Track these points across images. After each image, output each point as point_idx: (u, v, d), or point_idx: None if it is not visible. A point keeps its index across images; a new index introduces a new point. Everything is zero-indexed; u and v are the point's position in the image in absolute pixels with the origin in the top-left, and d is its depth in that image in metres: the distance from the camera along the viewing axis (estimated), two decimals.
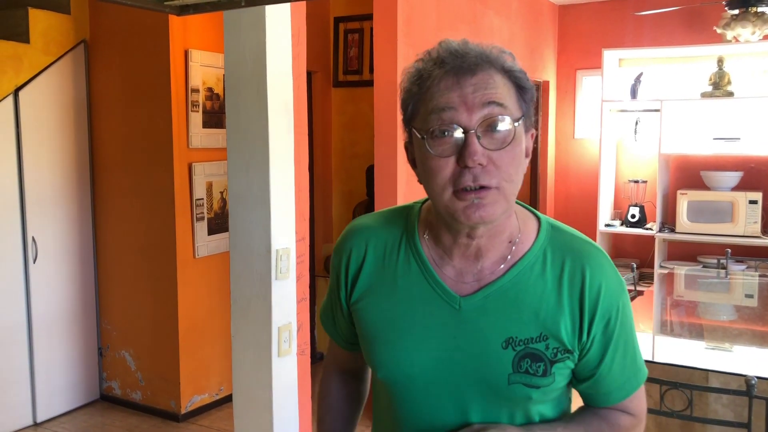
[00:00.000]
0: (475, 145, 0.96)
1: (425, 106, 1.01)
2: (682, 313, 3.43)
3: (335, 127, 5.10)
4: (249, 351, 2.62)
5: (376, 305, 1.12)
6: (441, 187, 0.99)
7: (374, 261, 1.13)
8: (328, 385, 1.35)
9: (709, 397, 2.45)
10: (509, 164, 0.99)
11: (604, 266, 1.08)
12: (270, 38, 2.51)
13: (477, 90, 0.97)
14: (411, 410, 1.12)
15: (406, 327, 1.09)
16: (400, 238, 1.13)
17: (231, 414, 2.82)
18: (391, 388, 1.13)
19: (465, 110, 0.97)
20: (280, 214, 2.58)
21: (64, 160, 4.00)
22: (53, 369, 3.97)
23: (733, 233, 4.77)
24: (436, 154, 0.99)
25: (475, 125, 0.97)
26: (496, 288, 1.06)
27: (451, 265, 1.09)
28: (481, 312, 1.06)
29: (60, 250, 4.00)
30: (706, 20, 5.04)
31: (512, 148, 0.99)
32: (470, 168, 0.97)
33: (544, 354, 1.04)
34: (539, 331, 1.04)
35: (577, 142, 5.79)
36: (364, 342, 1.16)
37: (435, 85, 0.99)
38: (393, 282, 1.11)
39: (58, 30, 3.91)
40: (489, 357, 1.05)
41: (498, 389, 1.06)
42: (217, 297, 4.07)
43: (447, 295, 1.07)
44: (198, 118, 3.91)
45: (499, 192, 0.99)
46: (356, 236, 1.17)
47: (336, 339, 1.29)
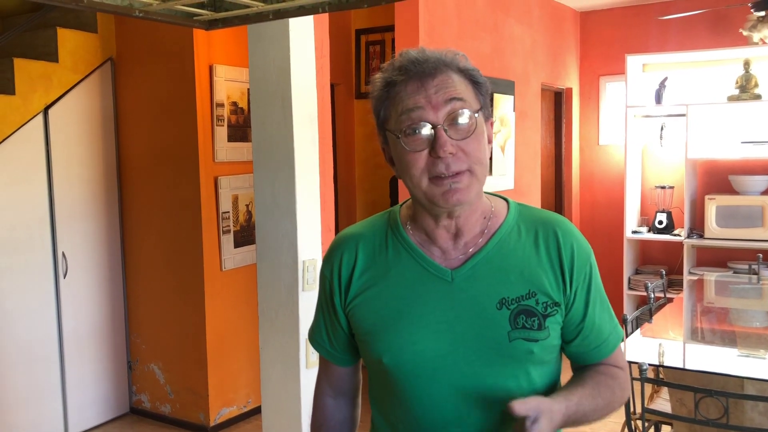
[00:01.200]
0: (443, 138, 1.09)
1: (395, 109, 1.13)
2: (713, 320, 3.37)
3: (358, 138, 5.12)
4: (277, 363, 2.63)
5: (373, 298, 1.19)
6: (418, 178, 1.11)
7: (365, 260, 1.21)
8: (324, 412, 1.34)
9: (745, 405, 2.40)
10: (476, 149, 1.11)
11: (572, 230, 1.21)
12: (294, 51, 2.53)
13: (439, 90, 1.10)
14: (419, 391, 1.15)
15: (405, 309, 1.16)
16: (386, 234, 1.22)
17: (259, 426, 2.82)
18: (397, 374, 1.16)
19: (431, 108, 1.09)
20: (306, 226, 2.59)
21: (93, 176, 4.06)
22: (84, 383, 4.02)
23: (764, 238, 4.68)
24: (411, 149, 1.11)
25: (441, 120, 1.09)
26: (481, 257, 1.16)
27: (437, 246, 1.18)
28: (471, 280, 1.15)
29: (89, 265, 4.05)
30: (732, 23, 4.98)
31: (476, 136, 1.11)
32: (442, 158, 1.09)
33: (535, 309, 1.14)
34: (527, 289, 1.14)
35: (601, 149, 5.74)
36: (365, 336, 1.20)
37: (402, 90, 1.12)
38: (386, 273, 1.19)
39: (85, 48, 3.98)
40: (487, 319, 1.13)
41: (501, 348, 1.13)
42: (244, 309, 4.09)
43: (438, 270, 1.16)
44: (223, 132, 3.95)
45: (471, 174, 1.11)
46: (345, 243, 1.25)
47: (332, 356, 1.31)
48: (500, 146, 4.38)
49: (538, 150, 5.08)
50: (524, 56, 4.78)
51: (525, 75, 4.79)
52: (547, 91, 5.41)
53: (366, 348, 1.21)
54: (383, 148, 1.20)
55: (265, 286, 2.65)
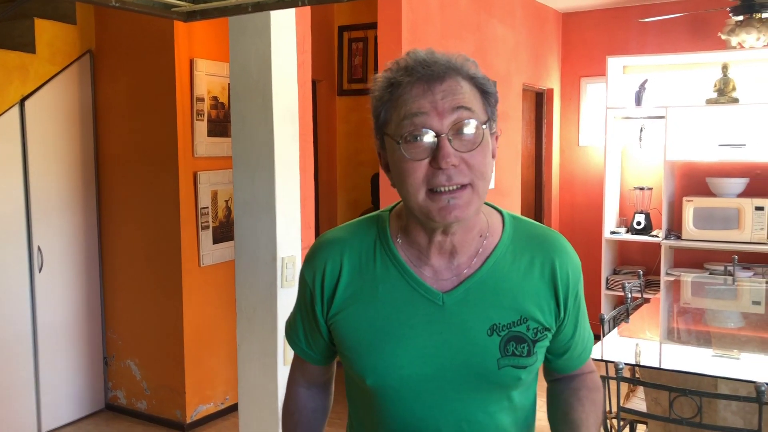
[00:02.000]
0: (447, 148, 1.02)
1: (397, 112, 1.06)
2: (689, 320, 3.41)
3: (340, 135, 5.10)
4: (255, 360, 2.61)
5: (359, 314, 1.13)
6: (415, 188, 1.04)
7: (351, 271, 1.14)
8: (296, 401, 1.32)
9: (718, 404, 2.43)
10: (481, 163, 1.05)
11: (568, 251, 1.18)
12: (275, 46, 2.51)
13: (446, 96, 1.03)
14: (402, 412, 1.13)
15: (392, 330, 1.11)
16: (374, 246, 1.15)
17: (236, 423, 2.80)
18: (380, 394, 1.13)
19: (436, 115, 1.03)
20: (285, 222, 2.57)
21: (70, 170, 4.01)
22: (58, 378, 3.97)
23: (740, 240, 4.74)
24: (410, 157, 1.04)
25: (446, 129, 1.02)
26: (475, 280, 1.12)
27: (429, 265, 1.12)
28: (463, 304, 1.10)
29: (65, 260, 4.00)
30: (711, 27, 5.04)
31: (482, 149, 1.05)
32: (444, 169, 1.02)
33: (526, 335, 1.11)
34: (519, 315, 1.11)
35: (581, 150, 5.78)
36: (348, 352, 1.15)
37: (406, 92, 1.05)
38: (373, 289, 1.13)
39: (63, 40, 3.93)
40: (476, 346, 1.10)
41: (489, 375, 1.10)
42: (222, 306, 4.06)
43: (429, 293, 1.11)
44: (203, 126, 3.92)
45: (472, 190, 1.05)
46: (329, 249, 1.17)
47: (308, 356, 1.27)
48: None
49: (519, 150, 5.10)
50: (507, 56, 4.80)
51: (507, 75, 4.80)
52: (528, 91, 5.43)
53: (348, 363, 1.16)
54: (379, 153, 1.14)
55: (243, 283, 2.63)
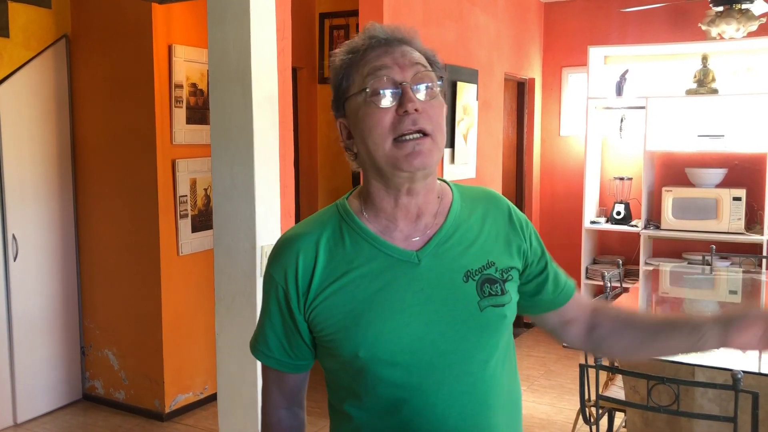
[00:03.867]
0: (410, 93, 1.10)
1: (360, 72, 1.14)
2: (667, 309, 3.44)
3: (321, 123, 5.07)
4: (234, 349, 2.59)
5: (338, 295, 1.14)
6: (382, 138, 1.10)
7: (323, 258, 1.16)
8: (280, 427, 1.26)
9: (695, 392, 2.45)
10: (438, 115, 1.14)
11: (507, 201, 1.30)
12: (254, 33, 2.48)
13: (405, 55, 1.14)
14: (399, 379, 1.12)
15: (375, 299, 1.13)
16: (340, 228, 1.18)
17: (216, 413, 2.79)
18: (374, 365, 1.11)
19: (398, 68, 1.12)
20: (264, 211, 2.55)
21: (46, 157, 3.94)
22: (34, 369, 3.92)
23: (718, 230, 4.79)
24: (378, 105, 1.11)
25: (408, 78, 1.12)
26: (442, 235, 1.18)
27: (398, 230, 1.18)
28: (436, 258, 1.16)
29: (41, 248, 3.94)
30: (691, 17, 5.06)
31: (438, 104, 1.14)
32: (409, 113, 1.09)
33: (495, 276, 1.19)
34: (486, 259, 1.19)
35: (562, 140, 5.79)
36: (334, 335, 1.14)
37: (368, 54, 1.14)
38: (347, 267, 1.15)
39: (38, 24, 3.85)
40: (457, 293, 1.15)
41: (474, 318, 1.15)
42: (201, 295, 4.03)
43: (403, 255, 1.16)
44: (182, 114, 3.87)
45: (433, 141, 1.12)
46: (296, 243, 1.18)
47: (285, 366, 1.23)
48: (463, 135, 4.38)
49: (500, 139, 5.10)
50: (488, 45, 4.78)
51: (489, 64, 4.79)
52: (510, 81, 5.43)
53: (336, 346, 1.14)
54: (340, 128, 1.19)
55: (221, 272, 2.60)
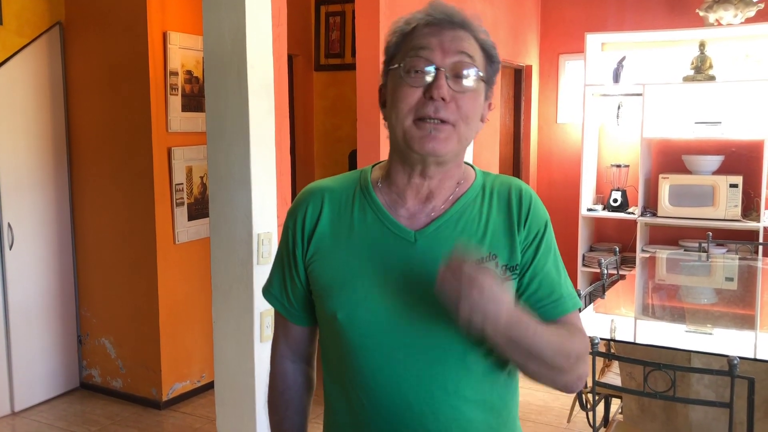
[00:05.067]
0: (442, 80, 1.09)
1: (407, 45, 1.13)
2: (663, 296, 3.45)
3: (317, 111, 5.05)
4: (231, 337, 2.59)
5: (334, 252, 1.18)
6: (404, 113, 1.11)
7: (330, 214, 1.20)
8: (284, 378, 1.31)
9: (691, 378, 2.46)
10: (469, 108, 1.11)
11: (531, 192, 1.22)
12: (250, 19, 2.46)
13: (454, 40, 1.11)
14: (373, 350, 1.13)
15: (366, 267, 1.15)
16: (354, 191, 1.21)
17: (213, 401, 2.79)
18: (351, 330, 1.14)
19: (440, 52, 1.10)
20: (261, 198, 2.54)
21: (40, 145, 3.92)
22: (31, 357, 3.91)
23: (714, 217, 4.79)
24: (407, 83, 1.11)
25: (446, 65, 1.10)
26: (445, 219, 1.16)
27: (405, 208, 1.17)
28: (434, 241, 1.14)
29: (37, 237, 3.93)
30: (689, 3, 5.04)
31: (474, 96, 1.12)
32: (434, 100, 1.08)
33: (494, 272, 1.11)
34: (488, 251, 1.14)
35: (559, 127, 5.78)
36: (322, 291, 1.18)
37: (419, 29, 1.13)
38: (349, 230, 1.18)
39: (32, 11, 3.82)
40: None
41: None
42: (198, 283, 4.03)
43: (402, 231, 1.15)
44: (177, 101, 3.85)
45: (454, 129, 1.11)
46: (311, 195, 1.23)
47: (288, 312, 1.27)
48: None
49: (497, 127, 5.08)
50: None
51: None
52: (507, 68, 5.40)
53: (322, 303, 1.18)
54: (380, 89, 1.20)
55: (218, 260, 2.60)
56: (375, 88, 3.94)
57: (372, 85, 3.57)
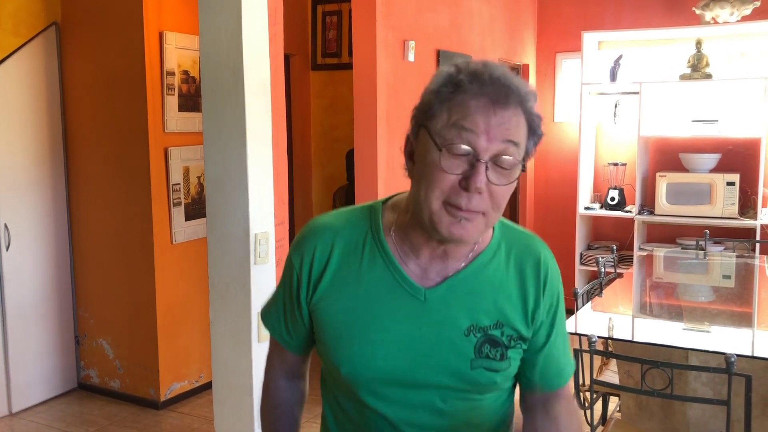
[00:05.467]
0: (481, 174, 1.01)
1: (449, 114, 1.02)
2: (661, 294, 3.45)
3: (314, 110, 5.04)
4: (228, 337, 2.59)
5: (340, 302, 1.13)
6: (435, 195, 1.03)
7: (339, 259, 1.14)
8: (278, 394, 1.31)
9: (689, 376, 2.47)
10: (502, 198, 1.05)
11: (549, 258, 1.18)
12: (246, 19, 2.46)
13: (502, 124, 1.01)
14: (374, 404, 1.13)
15: (371, 321, 1.11)
16: (365, 237, 1.15)
17: (211, 401, 2.79)
18: (354, 384, 1.13)
19: (486, 139, 1.01)
20: (258, 198, 2.54)
21: (37, 145, 3.91)
22: (29, 358, 3.91)
23: (711, 215, 4.80)
24: (444, 167, 1.01)
25: (488, 156, 1.01)
26: (458, 279, 1.12)
27: (417, 263, 1.13)
28: (444, 302, 1.11)
29: (34, 237, 3.92)
30: (685, 2, 5.04)
31: (510, 187, 1.05)
32: (469, 192, 1.01)
33: (500, 339, 1.12)
34: (496, 319, 1.12)
35: (556, 126, 5.79)
36: (326, 339, 1.15)
37: (467, 100, 1.01)
38: (358, 279, 1.13)
39: (27, 11, 3.81)
40: (452, 344, 1.10)
41: (462, 374, 1.11)
42: (196, 283, 4.02)
43: (412, 288, 1.11)
44: (174, 101, 3.84)
45: (484, 219, 1.05)
46: (321, 235, 1.16)
47: (286, 344, 1.25)
48: None
49: None
50: (482, 31, 4.76)
51: (483, 50, 4.77)
52: None
53: (325, 352, 1.16)
54: (408, 138, 1.11)
55: (215, 260, 2.60)
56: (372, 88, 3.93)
57: (369, 85, 3.57)
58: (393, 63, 3.70)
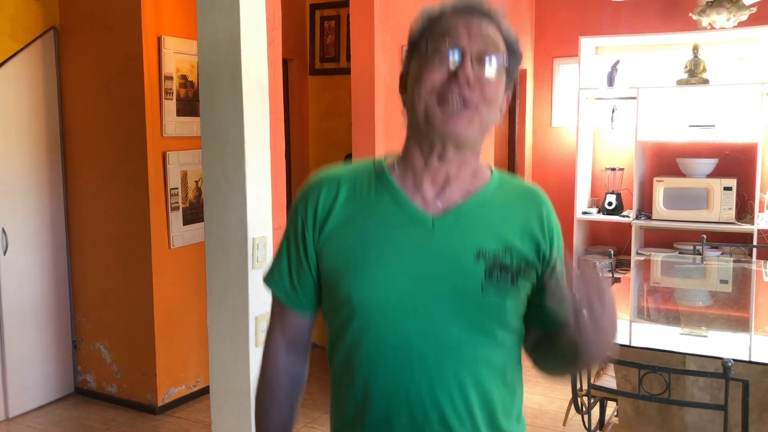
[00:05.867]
0: (468, 62, 1.09)
1: (433, 30, 1.13)
2: (658, 299, 3.45)
3: (312, 115, 5.05)
4: (226, 341, 2.59)
5: (348, 235, 1.17)
6: (427, 92, 1.10)
7: (345, 198, 1.18)
8: (276, 368, 1.28)
9: (686, 381, 2.47)
10: (492, 93, 1.12)
11: (549, 203, 1.26)
12: (244, 24, 2.46)
13: (481, 28, 1.12)
14: (385, 332, 1.13)
15: (381, 250, 1.14)
16: (370, 177, 1.20)
17: (209, 406, 2.78)
18: (365, 312, 1.13)
19: (467, 37, 1.11)
20: (256, 203, 2.54)
21: (35, 149, 3.91)
22: (26, 363, 3.90)
23: (709, 219, 4.81)
24: (434, 62, 1.11)
25: (472, 49, 1.10)
26: (464, 208, 1.17)
27: (421, 192, 1.17)
28: (452, 229, 1.15)
29: (31, 242, 3.92)
30: (682, 7, 5.06)
31: (497, 83, 1.13)
32: (459, 83, 1.08)
33: (510, 266, 1.15)
34: (504, 245, 1.16)
35: (554, 131, 5.80)
36: (335, 273, 1.16)
37: (448, 16, 1.14)
38: (365, 213, 1.17)
39: (26, 15, 3.81)
40: (462, 268, 1.13)
41: (473, 298, 1.13)
42: (193, 288, 4.02)
43: (419, 216, 1.16)
44: (172, 106, 3.85)
45: (476, 112, 1.11)
46: (325, 181, 1.21)
47: (289, 298, 1.24)
48: None
49: (492, 131, 5.09)
50: None
51: None
52: None
53: (335, 285, 1.16)
54: (402, 76, 1.20)
55: (213, 264, 2.60)
56: (370, 92, 3.95)
57: (367, 90, 3.58)
58: (391, 67, 3.71)
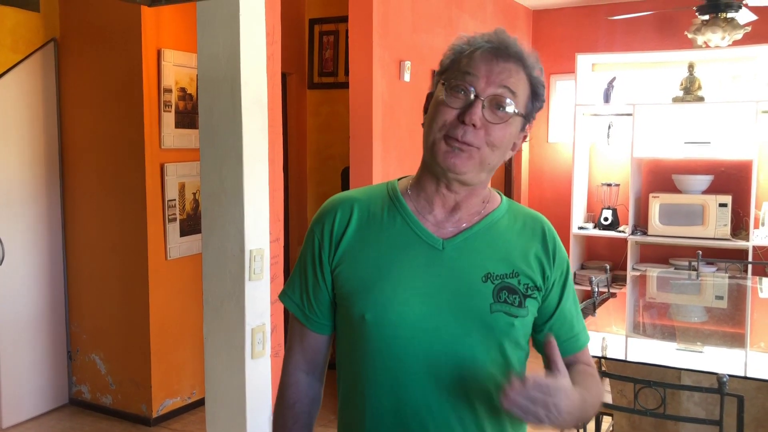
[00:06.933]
0: (477, 108, 1.14)
1: (459, 65, 1.18)
2: (654, 314, 3.46)
3: (310, 128, 5.07)
4: (222, 353, 2.59)
5: (363, 257, 1.21)
6: (438, 128, 1.16)
7: (359, 220, 1.23)
8: (297, 390, 1.31)
9: (681, 396, 2.47)
10: (497, 136, 1.16)
11: (555, 232, 1.31)
12: (244, 38, 2.49)
13: (502, 73, 1.16)
14: (397, 350, 1.17)
15: (393, 270, 1.19)
16: (383, 200, 1.26)
17: (203, 418, 2.78)
18: (377, 331, 1.17)
19: (484, 81, 1.15)
20: (253, 215, 2.55)
21: (33, 160, 3.92)
22: (20, 373, 3.88)
23: (704, 236, 4.83)
24: (446, 102, 1.16)
25: (485, 95, 1.15)
26: (473, 232, 1.22)
27: (432, 215, 1.22)
28: (461, 251, 1.20)
29: (28, 252, 3.92)
30: (678, 25, 5.11)
31: (505, 128, 1.17)
32: (465, 125, 1.13)
33: (517, 288, 1.20)
34: (512, 269, 1.21)
35: (550, 146, 5.83)
36: (350, 294, 1.21)
37: (475, 54, 1.17)
38: (378, 236, 1.22)
39: (26, 28, 3.84)
40: (471, 290, 1.18)
41: (482, 317, 1.17)
42: (190, 299, 4.02)
43: (430, 238, 1.21)
44: (170, 118, 3.87)
45: (478, 152, 1.15)
46: (340, 203, 1.27)
47: (306, 318, 1.28)
48: None
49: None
50: None
51: None
52: None
53: (350, 305, 1.21)
54: (428, 96, 1.25)
55: (210, 276, 2.60)
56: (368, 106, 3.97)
57: (365, 104, 3.60)
58: (389, 82, 3.74)
